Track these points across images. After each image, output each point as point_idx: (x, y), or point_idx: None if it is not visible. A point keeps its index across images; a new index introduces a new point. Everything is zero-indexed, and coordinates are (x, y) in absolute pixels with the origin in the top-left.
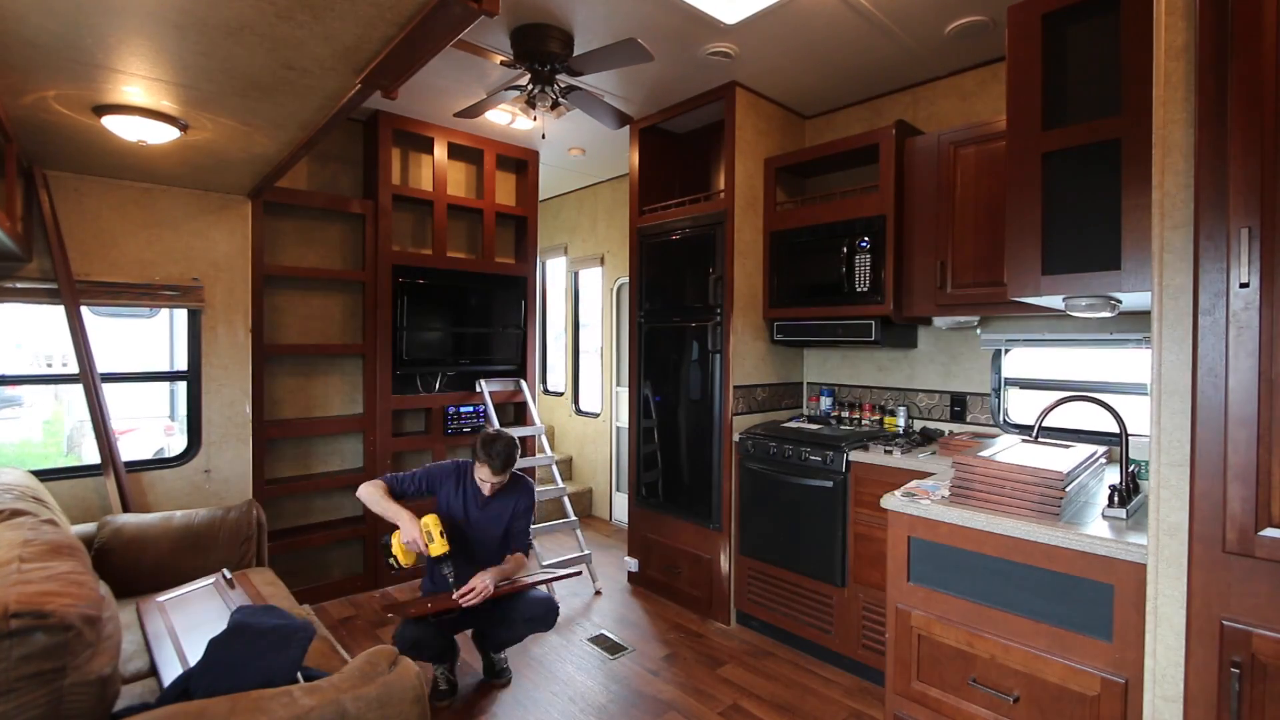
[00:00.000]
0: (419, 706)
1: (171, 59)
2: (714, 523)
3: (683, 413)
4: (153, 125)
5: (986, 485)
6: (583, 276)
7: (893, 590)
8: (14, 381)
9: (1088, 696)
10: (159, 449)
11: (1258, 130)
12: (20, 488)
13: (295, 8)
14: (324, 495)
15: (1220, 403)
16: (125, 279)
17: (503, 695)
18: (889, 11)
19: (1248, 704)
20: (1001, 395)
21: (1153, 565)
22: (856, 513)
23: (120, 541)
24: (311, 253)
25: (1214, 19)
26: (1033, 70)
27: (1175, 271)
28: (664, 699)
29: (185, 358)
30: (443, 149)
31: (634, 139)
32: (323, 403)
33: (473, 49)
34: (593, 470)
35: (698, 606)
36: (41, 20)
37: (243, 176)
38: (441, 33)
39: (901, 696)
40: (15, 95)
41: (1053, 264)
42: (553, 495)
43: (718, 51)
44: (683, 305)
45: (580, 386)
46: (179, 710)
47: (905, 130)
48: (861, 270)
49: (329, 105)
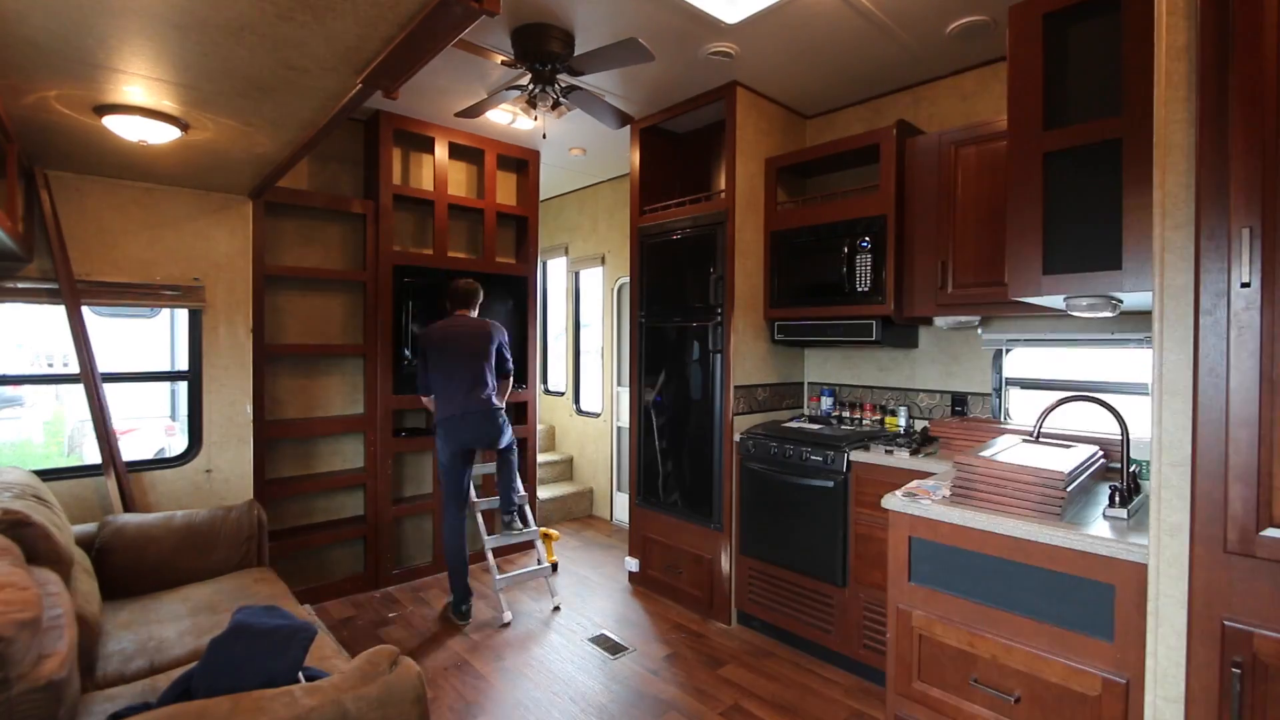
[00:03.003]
0: (419, 706)
1: (172, 59)
2: (715, 523)
3: (684, 413)
4: (154, 125)
5: (988, 485)
6: (583, 276)
7: (894, 590)
8: (15, 381)
9: (1089, 697)
10: (160, 449)
11: (1259, 130)
12: (21, 486)
13: (296, 8)
14: (325, 495)
15: (1221, 403)
16: (126, 279)
17: (503, 695)
18: (890, 11)
19: (1249, 704)
20: (1003, 395)
21: (1154, 565)
22: (857, 513)
23: (121, 541)
24: (312, 253)
25: (1215, 19)
26: (1034, 70)
27: (1176, 271)
28: (665, 699)
29: (186, 358)
30: (443, 149)
31: (635, 139)
32: (323, 403)
33: (474, 49)
34: (593, 470)
35: (698, 606)
36: (42, 20)
37: (244, 176)
38: (442, 32)
39: (902, 696)
40: (17, 95)
41: (1054, 264)
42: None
43: (718, 51)
44: (683, 305)
45: (581, 386)
46: (179, 710)
47: (906, 130)
48: (862, 270)
49: (330, 105)
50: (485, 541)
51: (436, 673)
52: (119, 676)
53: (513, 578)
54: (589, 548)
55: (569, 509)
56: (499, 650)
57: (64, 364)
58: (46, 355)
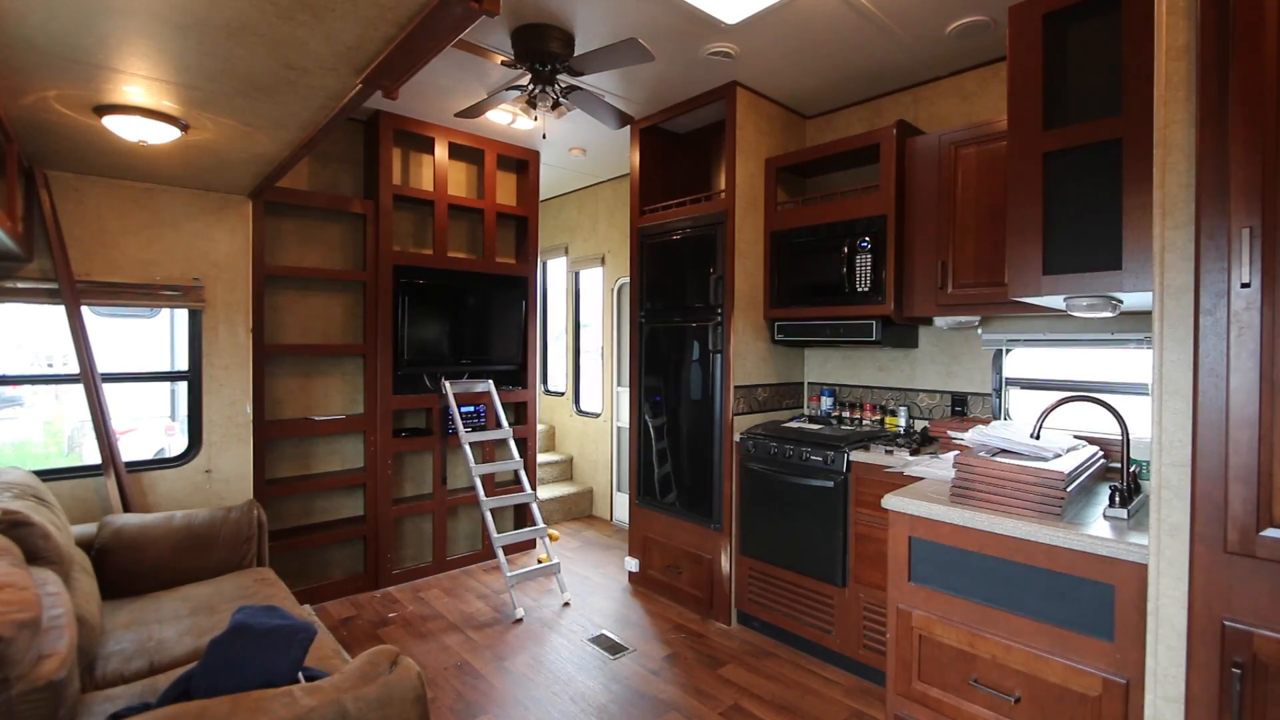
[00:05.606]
0: (419, 707)
1: (172, 59)
2: (715, 523)
3: (684, 413)
4: (153, 125)
5: (988, 485)
6: (583, 276)
7: (894, 590)
8: (14, 381)
9: (1089, 697)
10: (159, 449)
11: (1259, 130)
12: (20, 486)
13: (296, 8)
14: (325, 495)
15: (1221, 403)
16: (126, 279)
17: (503, 695)
18: (890, 11)
19: (1249, 704)
20: (1003, 395)
21: (1154, 565)
22: (857, 513)
23: (121, 542)
24: (312, 253)
25: (1215, 19)
26: (1034, 70)
27: (1176, 271)
28: (665, 699)
29: (186, 358)
30: (443, 149)
31: (635, 139)
32: (323, 403)
33: (474, 49)
34: (593, 470)
35: (698, 606)
36: (42, 20)
37: (243, 176)
38: (442, 33)
39: (902, 697)
40: (16, 95)
41: (1054, 264)
42: (521, 501)
43: (718, 51)
44: (683, 305)
45: (581, 386)
46: (179, 710)
47: (906, 130)
48: (862, 270)
49: (330, 105)
50: (495, 540)
51: (436, 673)
52: (119, 676)
53: (522, 575)
54: (589, 548)
55: (569, 509)
56: (499, 650)
57: (64, 364)
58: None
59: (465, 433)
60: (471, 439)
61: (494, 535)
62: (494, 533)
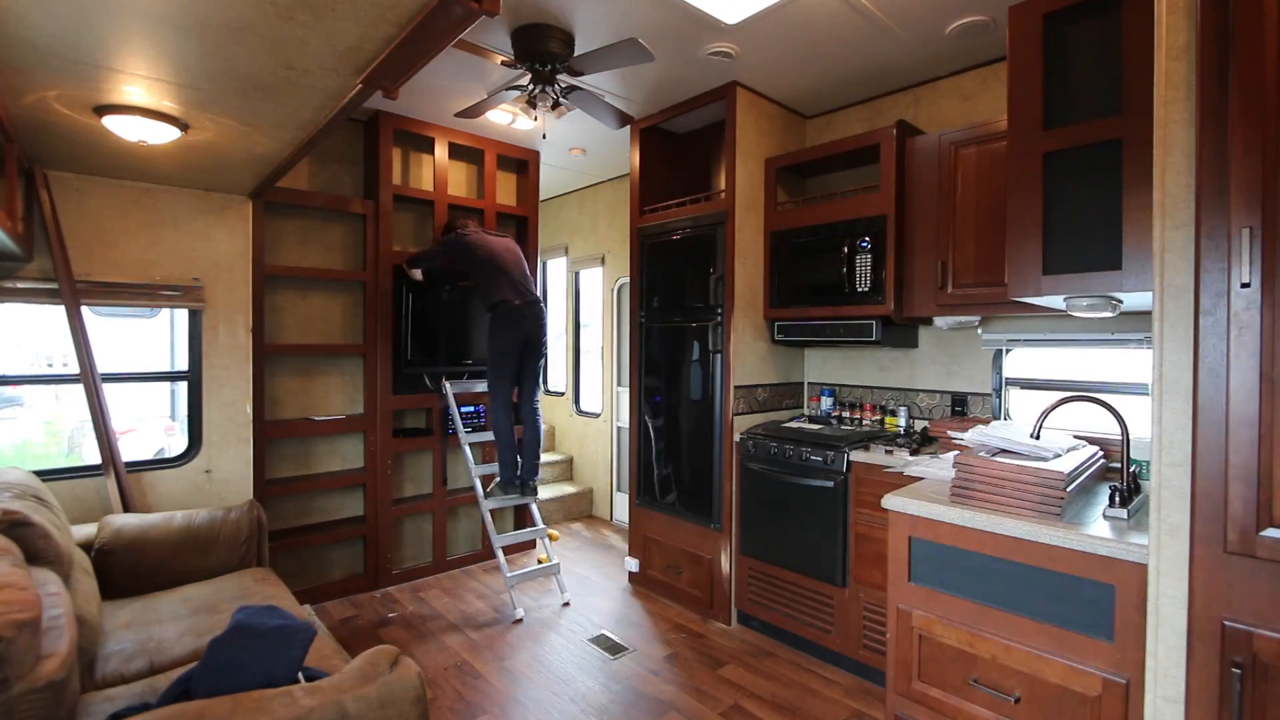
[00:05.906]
0: (419, 707)
1: (172, 59)
2: (715, 523)
3: (683, 413)
4: (153, 125)
5: (988, 485)
6: (583, 276)
7: (893, 590)
8: (14, 381)
9: (1089, 697)
10: (159, 449)
11: (1259, 130)
12: (20, 486)
13: (296, 8)
14: (325, 495)
15: (1221, 403)
16: (126, 279)
17: (503, 695)
18: (890, 11)
19: (1249, 704)
20: (1003, 395)
21: (1154, 565)
22: (857, 513)
23: (121, 542)
24: (312, 253)
25: (1215, 19)
26: (1034, 70)
27: (1176, 271)
28: (665, 699)
29: (186, 358)
30: (443, 149)
31: (635, 139)
32: (323, 403)
33: (473, 49)
34: (593, 470)
35: (699, 606)
36: (41, 20)
37: (243, 176)
38: (442, 33)
39: (902, 697)
40: (16, 95)
41: (1054, 264)
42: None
43: (718, 51)
44: (683, 305)
45: (581, 386)
46: (179, 710)
47: (906, 130)
48: (862, 270)
49: (330, 105)
50: (494, 540)
51: (436, 673)
52: (119, 677)
53: (522, 575)
54: (589, 548)
55: (569, 509)
56: (499, 650)
57: (63, 364)
58: (46, 355)
59: (465, 433)
60: (472, 439)
61: (494, 535)
62: (494, 533)
